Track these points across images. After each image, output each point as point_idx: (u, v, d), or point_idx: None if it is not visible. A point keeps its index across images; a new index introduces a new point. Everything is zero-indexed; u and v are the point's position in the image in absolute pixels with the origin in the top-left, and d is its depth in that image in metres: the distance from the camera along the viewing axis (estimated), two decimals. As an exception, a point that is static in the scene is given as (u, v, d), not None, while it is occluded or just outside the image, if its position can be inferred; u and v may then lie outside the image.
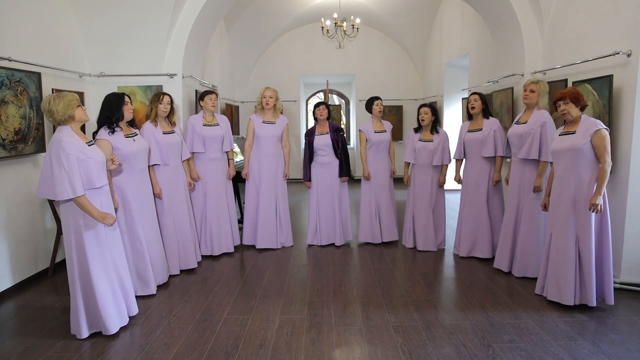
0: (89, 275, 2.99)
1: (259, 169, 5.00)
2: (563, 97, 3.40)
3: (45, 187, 2.91)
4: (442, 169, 4.95)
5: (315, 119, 5.21)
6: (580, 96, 3.37)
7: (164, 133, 4.21)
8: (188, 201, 4.46)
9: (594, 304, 3.35)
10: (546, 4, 4.82)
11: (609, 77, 3.76)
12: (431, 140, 4.87)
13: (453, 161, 4.98)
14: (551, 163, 3.80)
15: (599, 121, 3.33)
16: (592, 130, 3.27)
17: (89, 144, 3.04)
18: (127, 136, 3.64)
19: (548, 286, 3.54)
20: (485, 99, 4.66)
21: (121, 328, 3.18)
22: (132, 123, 3.79)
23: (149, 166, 3.96)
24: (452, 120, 8.79)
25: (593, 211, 3.25)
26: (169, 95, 4.28)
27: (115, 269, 3.16)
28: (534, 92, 3.97)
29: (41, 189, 2.95)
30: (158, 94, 4.25)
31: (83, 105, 3.08)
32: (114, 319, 3.07)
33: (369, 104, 5.22)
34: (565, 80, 4.46)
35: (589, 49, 4.16)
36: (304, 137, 5.40)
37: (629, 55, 3.64)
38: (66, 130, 2.95)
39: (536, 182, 3.97)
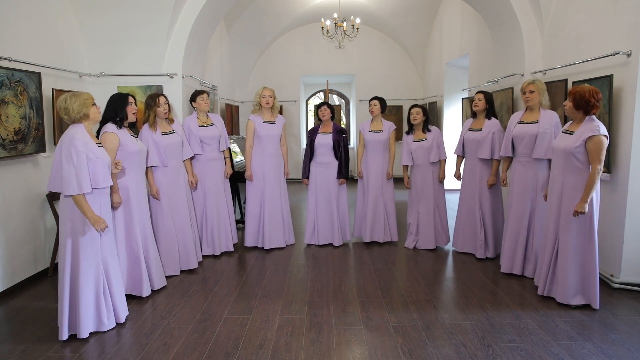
0: (78, 277, 2.99)
1: (263, 170, 4.98)
2: (570, 93, 3.35)
3: (56, 181, 2.98)
4: (440, 165, 4.97)
5: (319, 119, 5.23)
6: (582, 101, 3.25)
7: (164, 134, 4.21)
8: (189, 201, 4.45)
9: (561, 301, 3.43)
10: (546, 4, 4.82)
11: (609, 77, 3.75)
12: (425, 139, 4.89)
13: (453, 157, 4.99)
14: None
15: (600, 126, 3.23)
16: (587, 135, 3.21)
17: (98, 145, 3.10)
18: (130, 135, 3.66)
19: (536, 273, 3.73)
20: (490, 99, 4.60)
21: (121, 328, 3.19)
22: (132, 128, 3.80)
23: (146, 167, 3.96)
24: (452, 120, 8.79)
25: (576, 217, 3.28)
26: (163, 95, 4.27)
27: (106, 274, 3.15)
28: (533, 92, 3.95)
29: (52, 182, 3.02)
30: (152, 97, 4.18)
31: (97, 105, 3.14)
32: (89, 323, 3.05)
33: (368, 104, 5.26)
34: (565, 80, 4.46)
35: (589, 49, 4.16)
36: (306, 136, 5.41)
37: (629, 55, 3.64)
38: (79, 128, 3.01)
39: None
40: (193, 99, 4.77)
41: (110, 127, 3.49)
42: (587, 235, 3.34)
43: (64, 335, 3.01)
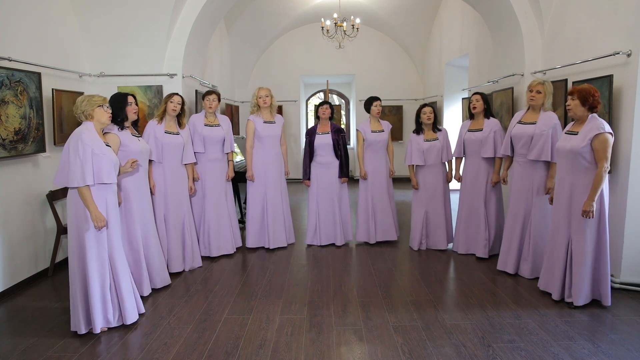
0: (87, 273, 3.03)
1: (265, 170, 4.98)
2: (572, 92, 3.35)
3: (62, 176, 3.05)
4: (447, 165, 4.99)
5: (318, 117, 5.22)
6: (589, 96, 3.27)
7: (167, 132, 4.22)
8: (184, 204, 4.38)
9: (579, 304, 3.37)
10: (546, 4, 4.82)
11: (609, 77, 3.75)
12: (437, 139, 4.90)
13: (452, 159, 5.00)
14: None
15: (604, 124, 3.24)
16: (593, 134, 3.21)
17: (106, 144, 3.16)
18: (132, 135, 3.69)
19: (541, 276, 3.68)
20: (487, 99, 4.67)
21: (121, 328, 3.19)
22: (135, 126, 3.81)
23: None
24: (452, 120, 8.79)
25: (585, 217, 3.25)
26: (180, 96, 4.31)
27: (114, 271, 3.17)
28: (540, 92, 3.93)
29: (58, 177, 3.09)
30: (170, 94, 4.31)
31: (108, 107, 3.21)
32: (99, 319, 3.09)
33: (368, 104, 5.23)
34: (565, 80, 4.46)
35: (589, 49, 4.16)
36: (304, 136, 5.40)
37: (629, 55, 3.64)
38: (89, 125, 3.11)
39: (549, 183, 3.91)
40: (203, 97, 4.82)
41: (110, 127, 3.53)
42: (600, 235, 3.31)
43: (83, 329, 3.07)
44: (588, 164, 3.27)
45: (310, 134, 5.19)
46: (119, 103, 3.57)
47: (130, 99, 3.65)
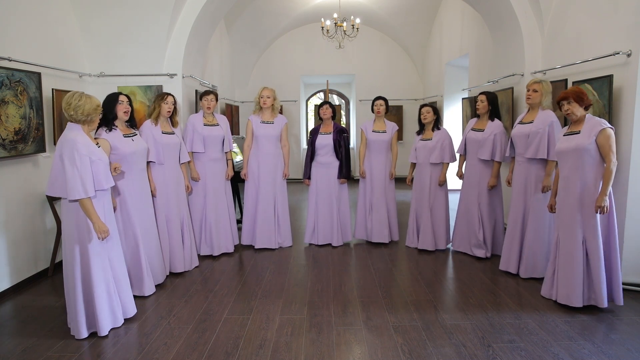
0: (90, 276, 3.01)
1: (258, 169, 5.00)
2: (566, 97, 3.35)
3: (57, 186, 2.95)
4: (442, 167, 4.92)
5: (321, 118, 5.23)
6: (584, 95, 3.32)
7: (163, 133, 4.21)
8: (182, 205, 4.38)
9: (605, 305, 3.32)
10: (546, 4, 4.82)
11: (609, 77, 3.75)
12: (431, 139, 4.88)
13: (457, 156, 4.96)
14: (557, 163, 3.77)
15: (604, 120, 3.28)
16: (597, 130, 3.23)
17: (97, 145, 3.11)
18: (125, 136, 3.64)
19: (558, 289, 3.48)
20: (493, 100, 4.57)
21: (121, 328, 3.19)
22: (132, 123, 3.80)
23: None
24: (452, 120, 8.79)
25: (599, 212, 3.23)
26: (172, 95, 4.29)
27: (113, 271, 3.18)
28: (537, 91, 3.94)
29: (52, 187, 2.98)
30: (162, 94, 4.26)
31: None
32: (107, 320, 3.10)
33: (372, 104, 5.26)
34: (566, 80, 4.46)
35: (589, 49, 4.16)
36: (306, 136, 5.41)
37: (629, 55, 3.64)
38: (78, 129, 2.99)
39: (545, 181, 3.92)
40: (200, 97, 4.82)
41: (100, 132, 3.51)
42: (611, 232, 3.30)
43: (83, 333, 3.04)
44: (594, 160, 3.28)
45: (313, 133, 5.21)
46: (109, 103, 3.57)
47: (122, 98, 3.63)
